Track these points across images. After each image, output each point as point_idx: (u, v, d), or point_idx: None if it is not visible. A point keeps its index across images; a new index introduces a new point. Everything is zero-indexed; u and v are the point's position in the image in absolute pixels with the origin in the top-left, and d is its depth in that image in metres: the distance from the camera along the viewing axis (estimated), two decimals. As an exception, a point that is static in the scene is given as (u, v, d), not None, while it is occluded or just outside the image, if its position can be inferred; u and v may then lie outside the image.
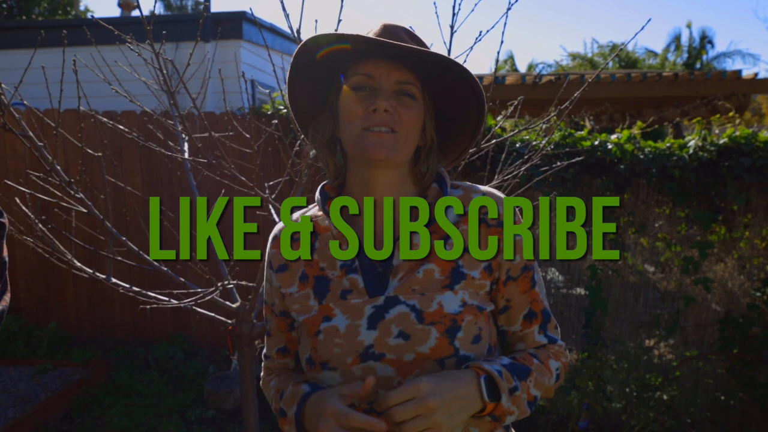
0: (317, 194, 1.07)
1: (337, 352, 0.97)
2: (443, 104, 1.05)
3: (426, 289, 0.98)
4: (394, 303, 0.97)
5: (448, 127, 1.08)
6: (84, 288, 4.67)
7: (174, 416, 3.46)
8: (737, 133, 3.39)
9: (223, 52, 5.67)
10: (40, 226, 2.18)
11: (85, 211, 2.00)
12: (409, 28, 1.05)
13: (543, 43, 73.24)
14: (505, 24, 1.82)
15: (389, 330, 0.96)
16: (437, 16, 1.80)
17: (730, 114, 3.69)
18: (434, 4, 1.86)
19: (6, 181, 2.25)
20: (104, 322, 4.65)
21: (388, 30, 1.00)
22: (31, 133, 1.80)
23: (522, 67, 21.52)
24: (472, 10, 1.77)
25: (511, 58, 22.86)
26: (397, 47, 0.93)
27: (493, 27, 1.72)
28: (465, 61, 1.89)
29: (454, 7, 1.76)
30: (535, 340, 1.07)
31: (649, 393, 3.26)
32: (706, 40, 20.78)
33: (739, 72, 5.53)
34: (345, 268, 1.01)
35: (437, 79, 1.01)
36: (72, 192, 1.89)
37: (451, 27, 1.77)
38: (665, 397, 3.31)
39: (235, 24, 5.76)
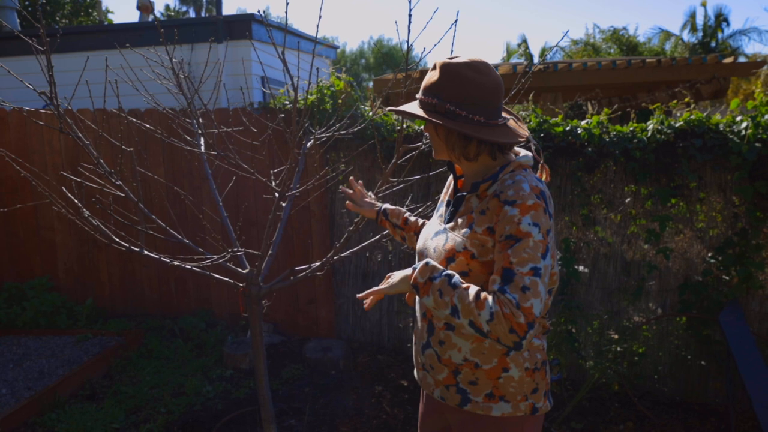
0: None
1: (420, 241, 1.72)
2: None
3: (456, 230, 1.52)
4: (443, 231, 1.58)
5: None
6: (116, 269, 5.22)
7: (198, 375, 3.99)
8: (692, 117, 3.77)
9: (235, 52, 6.15)
10: (86, 211, 2.67)
11: (122, 195, 2.49)
12: (451, 64, 1.51)
13: (559, 26, 72.37)
14: (453, 36, 2.26)
15: (435, 242, 1.59)
16: (398, 33, 2.25)
17: (686, 99, 4.07)
18: (395, 22, 2.31)
19: (60, 173, 2.74)
20: (135, 298, 5.21)
21: (428, 78, 1.55)
22: (80, 134, 2.29)
23: (536, 50, 21.78)
24: (424, 28, 2.21)
25: (525, 41, 23.06)
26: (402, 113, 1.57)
27: (439, 42, 2.16)
28: (419, 65, 2.33)
29: (408, 31, 2.20)
30: (492, 288, 1.35)
31: (608, 346, 3.70)
32: (721, 18, 20.75)
33: (718, 57, 5.86)
34: (448, 207, 1.66)
35: None
36: (113, 180, 2.38)
37: (408, 42, 2.21)
38: (619, 348, 3.74)
39: (245, 25, 6.22)
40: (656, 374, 4.06)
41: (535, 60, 20.17)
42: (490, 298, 1.32)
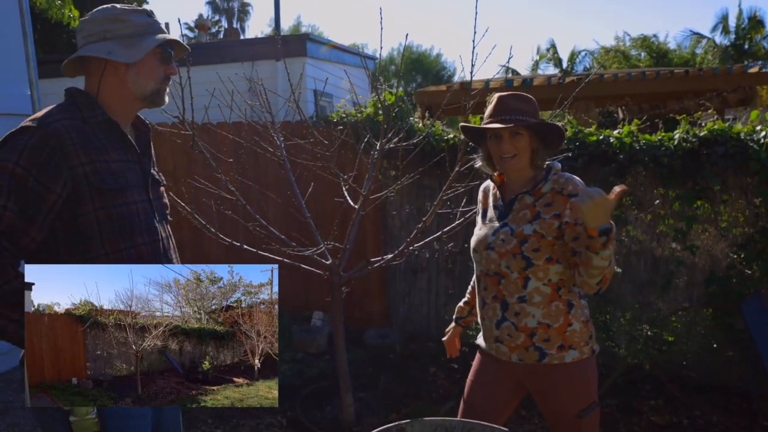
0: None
1: (477, 243, 2.11)
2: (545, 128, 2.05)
3: (519, 222, 1.98)
4: (504, 225, 2.02)
5: (549, 137, 2.04)
6: (189, 266, 5.81)
7: (272, 357, 4.53)
8: (715, 127, 4.18)
9: (290, 68, 6.75)
10: (196, 216, 3.22)
11: (233, 198, 3.03)
12: (517, 93, 2.04)
13: (588, 29, 72.01)
14: (509, 58, 2.75)
15: (499, 236, 2.01)
16: (462, 65, 2.75)
17: (710, 111, 4.48)
18: (460, 56, 2.81)
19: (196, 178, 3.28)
20: (206, 292, 5.79)
21: (502, 104, 2.00)
22: (204, 151, 2.84)
23: (564, 54, 22.03)
24: (484, 61, 2.70)
25: (554, 46, 23.27)
26: (501, 125, 1.96)
27: (494, 76, 2.65)
28: (473, 70, 2.81)
29: (473, 50, 2.70)
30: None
31: (640, 332, 4.13)
32: (756, 19, 20.38)
33: (744, 67, 6.22)
34: (497, 209, 2.10)
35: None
36: (229, 187, 2.93)
37: (471, 69, 2.70)
38: (650, 333, 4.16)
39: (300, 43, 6.81)
40: (684, 361, 4.46)
41: (564, 64, 20.44)
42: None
